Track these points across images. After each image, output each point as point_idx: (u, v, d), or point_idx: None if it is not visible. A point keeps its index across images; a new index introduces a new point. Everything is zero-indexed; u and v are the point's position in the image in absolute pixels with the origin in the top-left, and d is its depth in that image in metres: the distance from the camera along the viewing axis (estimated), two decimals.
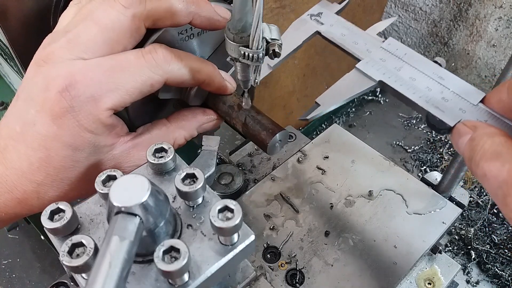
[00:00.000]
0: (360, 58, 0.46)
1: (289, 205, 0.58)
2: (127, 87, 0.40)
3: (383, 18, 1.39)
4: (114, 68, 0.40)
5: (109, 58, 0.40)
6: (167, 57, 0.42)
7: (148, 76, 0.41)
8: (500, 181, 0.32)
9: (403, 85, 0.43)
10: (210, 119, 0.51)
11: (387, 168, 0.62)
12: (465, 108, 0.41)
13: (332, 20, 0.50)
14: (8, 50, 0.52)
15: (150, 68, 0.41)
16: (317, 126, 1.30)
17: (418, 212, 0.57)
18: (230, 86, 0.49)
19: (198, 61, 0.45)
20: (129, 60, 0.41)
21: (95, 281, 0.27)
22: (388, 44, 0.47)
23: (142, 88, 0.41)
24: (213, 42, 0.52)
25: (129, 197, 0.30)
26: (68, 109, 0.39)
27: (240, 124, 0.49)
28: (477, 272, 0.95)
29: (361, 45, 0.47)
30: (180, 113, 0.49)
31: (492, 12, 1.12)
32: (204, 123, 0.50)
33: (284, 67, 1.06)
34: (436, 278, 0.57)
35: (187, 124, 0.49)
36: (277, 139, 0.47)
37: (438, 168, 1.16)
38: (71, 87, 0.38)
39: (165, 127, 0.48)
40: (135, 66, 0.41)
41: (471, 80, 1.34)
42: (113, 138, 0.43)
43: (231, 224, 0.32)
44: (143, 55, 0.41)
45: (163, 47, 0.43)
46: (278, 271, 0.52)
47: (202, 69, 0.45)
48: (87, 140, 0.40)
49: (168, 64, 0.42)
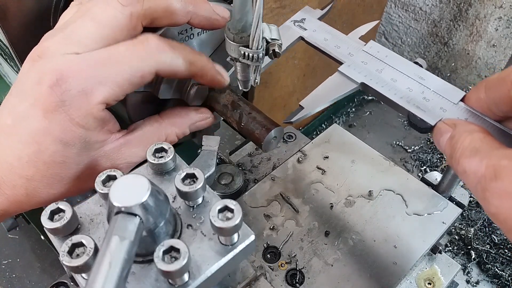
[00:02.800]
0: (342, 61, 0.48)
1: (289, 205, 0.58)
2: (117, 79, 0.40)
3: (383, 18, 1.39)
4: (104, 60, 0.39)
5: (100, 51, 0.40)
6: (159, 47, 0.42)
7: (137, 66, 0.40)
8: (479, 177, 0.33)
9: (385, 87, 0.44)
10: (203, 117, 0.50)
11: (387, 168, 0.62)
12: (446, 107, 0.42)
13: (315, 26, 0.51)
14: (8, 50, 0.52)
15: (141, 58, 0.41)
16: (317, 126, 1.30)
17: (419, 214, 0.57)
18: (223, 80, 0.48)
19: (192, 52, 0.45)
20: (119, 52, 0.40)
21: (95, 281, 0.27)
22: (369, 47, 0.48)
23: (132, 79, 0.41)
24: (213, 42, 0.52)
25: (129, 197, 0.30)
26: (59, 103, 0.38)
27: (235, 122, 0.49)
28: (477, 272, 0.95)
29: (343, 49, 0.49)
30: (173, 110, 0.49)
31: (492, 12, 1.12)
32: (197, 121, 0.50)
33: (284, 67, 1.06)
34: (436, 278, 0.57)
35: (179, 121, 0.48)
36: (272, 136, 0.47)
37: (438, 168, 1.16)
38: (62, 81, 0.38)
39: (157, 123, 0.47)
40: (124, 57, 0.40)
41: (471, 80, 1.34)
42: (105, 134, 0.42)
43: (231, 224, 0.32)
44: (134, 45, 0.41)
45: (156, 37, 0.42)
46: (278, 271, 0.52)
47: (196, 60, 0.45)
48: (78, 135, 0.40)
49: (160, 54, 0.42)
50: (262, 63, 0.44)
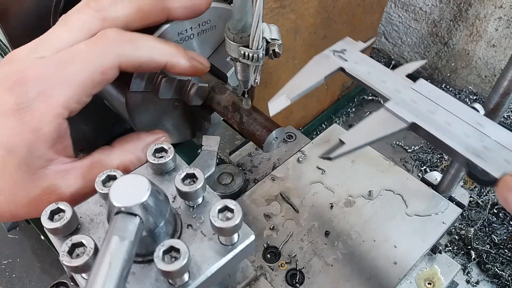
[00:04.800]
0: (388, 97, 0.43)
1: (289, 205, 0.58)
2: (78, 78, 0.38)
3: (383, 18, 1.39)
4: (64, 60, 0.38)
5: (62, 53, 0.39)
6: (117, 39, 0.40)
7: (97, 63, 0.39)
8: None
9: (439, 130, 0.39)
10: (156, 138, 0.46)
11: (387, 168, 0.62)
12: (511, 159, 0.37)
13: (356, 58, 0.47)
14: (8, 50, 0.52)
15: (99, 53, 0.39)
16: (317, 126, 1.30)
17: (419, 215, 0.57)
18: (201, 66, 0.46)
19: (156, 42, 0.43)
20: (79, 50, 0.39)
21: (95, 281, 0.27)
22: (419, 86, 0.43)
23: (93, 77, 0.39)
24: (213, 42, 0.52)
25: (129, 197, 0.30)
26: (14, 106, 0.36)
27: (236, 123, 0.49)
28: (477, 272, 0.95)
29: (389, 84, 0.44)
30: (124, 136, 0.46)
31: (492, 12, 1.12)
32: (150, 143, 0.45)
33: (284, 67, 1.06)
34: (436, 278, 0.57)
35: (130, 146, 0.44)
36: (273, 136, 0.47)
37: (438, 168, 1.16)
38: (20, 83, 0.37)
39: (107, 151, 0.43)
40: (84, 54, 0.39)
41: (471, 80, 1.34)
42: (52, 153, 0.39)
43: (231, 224, 0.32)
44: (92, 41, 0.40)
45: (114, 30, 0.40)
46: (278, 271, 0.52)
47: (161, 50, 0.42)
48: (25, 141, 0.37)
49: (120, 46, 0.40)
50: (262, 63, 0.44)
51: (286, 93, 0.43)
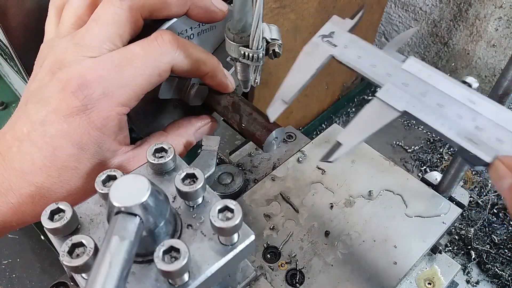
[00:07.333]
0: (380, 84, 0.41)
1: (289, 205, 0.58)
2: (137, 80, 0.41)
3: (383, 18, 1.39)
4: (122, 62, 0.40)
5: (116, 53, 0.41)
6: (173, 43, 0.42)
7: (154, 66, 0.41)
8: None
9: (431, 115, 0.38)
10: (205, 122, 0.52)
11: (387, 168, 0.62)
12: (503, 138, 0.35)
13: (345, 40, 0.44)
14: (8, 50, 0.52)
15: (157, 56, 0.41)
16: (317, 126, 1.30)
17: (419, 215, 0.57)
18: (231, 85, 0.50)
19: (204, 52, 0.46)
20: (135, 53, 0.41)
21: (95, 281, 0.27)
22: (409, 65, 0.41)
23: (151, 79, 0.42)
24: (213, 42, 0.52)
25: (129, 197, 0.30)
26: (81, 107, 0.39)
27: (236, 123, 0.49)
28: (477, 272, 0.95)
29: (380, 68, 0.41)
30: (175, 122, 0.50)
31: (492, 12, 1.12)
32: (200, 127, 0.51)
33: (284, 67, 1.06)
34: (436, 278, 0.57)
35: (183, 131, 0.49)
36: (273, 136, 0.47)
37: (438, 168, 1.16)
38: (83, 86, 0.39)
39: (163, 137, 0.48)
40: (142, 57, 0.41)
41: None
42: (117, 144, 0.43)
43: (231, 224, 0.32)
44: (148, 44, 0.42)
45: (169, 33, 0.43)
46: (278, 271, 0.52)
47: (208, 60, 0.46)
48: (94, 138, 0.41)
49: (175, 51, 0.42)
50: (262, 63, 0.44)
51: (282, 96, 0.42)
